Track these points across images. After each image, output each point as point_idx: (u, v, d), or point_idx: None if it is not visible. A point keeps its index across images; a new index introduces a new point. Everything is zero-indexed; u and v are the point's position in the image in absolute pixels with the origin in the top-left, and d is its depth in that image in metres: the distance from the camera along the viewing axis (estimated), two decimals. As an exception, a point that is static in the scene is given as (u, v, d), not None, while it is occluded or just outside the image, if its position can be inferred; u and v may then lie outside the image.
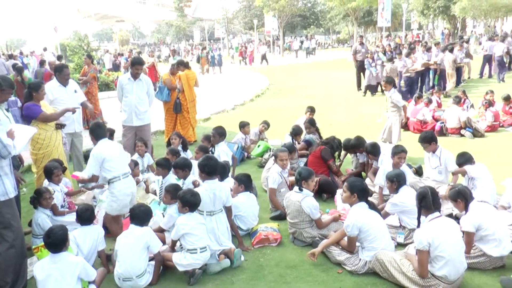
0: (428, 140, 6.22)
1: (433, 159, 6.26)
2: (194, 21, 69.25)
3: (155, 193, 6.17)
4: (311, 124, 8.20)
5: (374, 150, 6.54)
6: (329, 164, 6.82)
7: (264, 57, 33.74)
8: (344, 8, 43.40)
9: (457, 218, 4.68)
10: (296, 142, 7.83)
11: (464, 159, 5.71)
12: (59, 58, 18.43)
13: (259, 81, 21.99)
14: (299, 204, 4.85)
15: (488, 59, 18.47)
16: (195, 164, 5.51)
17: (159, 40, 76.17)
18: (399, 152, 5.85)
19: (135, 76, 7.21)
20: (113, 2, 68.97)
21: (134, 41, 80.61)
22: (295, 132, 7.91)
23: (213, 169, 4.75)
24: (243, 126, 8.84)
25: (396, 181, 5.01)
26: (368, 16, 51.48)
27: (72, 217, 4.90)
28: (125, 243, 4.19)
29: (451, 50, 15.47)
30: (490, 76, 18.58)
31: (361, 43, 17.11)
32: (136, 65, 7.19)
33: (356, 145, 6.96)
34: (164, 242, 4.74)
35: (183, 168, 5.56)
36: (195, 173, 5.66)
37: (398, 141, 7.96)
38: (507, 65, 18.64)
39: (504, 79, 17.14)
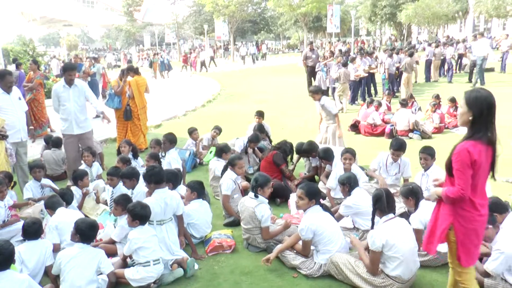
0: (404, 149, 6.22)
1: (393, 166, 6.33)
2: (144, 25, 68.34)
3: (106, 203, 5.98)
4: (260, 130, 8.18)
5: (326, 155, 6.59)
6: (281, 169, 6.83)
7: (203, 64, 33.37)
8: (293, 14, 44.02)
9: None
10: (251, 150, 7.82)
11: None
12: (14, 61, 17.25)
13: (211, 87, 21.89)
14: (253, 210, 4.83)
15: (429, 64, 19.50)
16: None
17: (108, 46, 74.55)
18: (343, 153, 6.00)
19: (69, 82, 6.85)
20: (59, 5, 67.01)
21: (83, 46, 78.55)
22: (252, 140, 7.87)
23: (159, 177, 4.66)
24: (191, 132, 8.76)
25: (348, 184, 5.08)
26: (317, 22, 52.52)
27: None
28: (74, 264, 3.94)
29: (392, 55, 16.17)
30: (428, 80, 19.60)
31: (312, 49, 17.36)
32: (68, 70, 6.83)
33: (308, 150, 7.01)
34: (115, 254, 4.59)
35: (130, 177, 5.39)
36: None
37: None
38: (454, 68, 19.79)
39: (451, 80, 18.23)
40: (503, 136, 9.25)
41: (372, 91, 16.48)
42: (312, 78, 16.92)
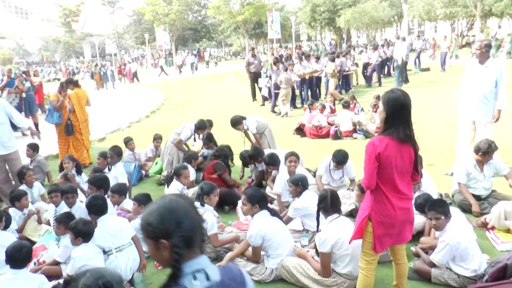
0: (346, 160, 6.27)
1: (337, 171, 6.43)
2: (83, 36, 66.58)
3: (49, 223, 5.76)
4: (208, 139, 8.13)
5: (272, 161, 6.63)
6: (223, 179, 6.78)
7: (135, 75, 32.97)
8: (234, 21, 44.27)
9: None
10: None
11: None
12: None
13: (154, 97, 21.57)
14: (198, 219, 4.80)
15: (365, 66, 20.18)
16: None
17: (46, 58, 71.85)
18: (288, 156, 6.08)
19: None
20: (-10, 17, 64.00)
21: (19, 59, 75.23)
22: (199, 126, 7.87)
23: (101, 209, 4.49)
24: (127, 142, 8.56)
25: (301, 185, 5.13)
26: (258, 28, 53.03)
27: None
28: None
29: (334, 59, 16.63)
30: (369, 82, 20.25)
31: (254, 55, 17.52)
32: None
33: (254, 156, 7.06)
34: (60, 276, 4.43)
35: (72, 193, 5.25)
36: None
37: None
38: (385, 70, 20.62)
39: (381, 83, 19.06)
40: (440, 130, 9.68)
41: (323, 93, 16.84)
42: (256, 84, 17.10)
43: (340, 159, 6.19)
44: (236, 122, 7.95)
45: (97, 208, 4.48)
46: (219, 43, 74.09)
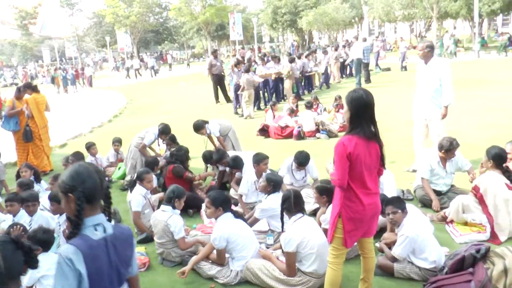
0: (308, 162, 6.29)
1: (299, 172, 6.47)
2: (42, 39, 64.77)
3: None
4: (172, 140, 8.00)
5: (236, 164, 6.61)
6: (186, 177, 6.69)
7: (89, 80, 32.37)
8: (195, 22, 44.08)
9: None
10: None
11: None
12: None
13: (116, 100, 21.22)
14: (166, 223, 4.77)
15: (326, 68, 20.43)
16: None
17: (1, 62, 69.51)
18: (263, 159, 6.03)
19: None
20: None
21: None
22: (163, 131, 7.78)
23: (48, 243, 4.19)
24: (89, 147, 8.36)
25: (273, 186, 5.13)
26: (220, 30, 52.99)
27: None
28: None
29: (293, 60, 16.76)
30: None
31: (216, 57, 17.47)
32: None
33: (218, 159, 6.99)
34: None
35: (33, 201, 5.10)
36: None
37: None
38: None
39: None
40: (402, 128, 9.90)
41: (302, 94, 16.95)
42: (219, 86, 17.06)
43: (302, 160, 6.23)
44: (199, 127, 7.90)
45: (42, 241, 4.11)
46: (181, 46, 73.57)
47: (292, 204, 4.14)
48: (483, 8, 33.05)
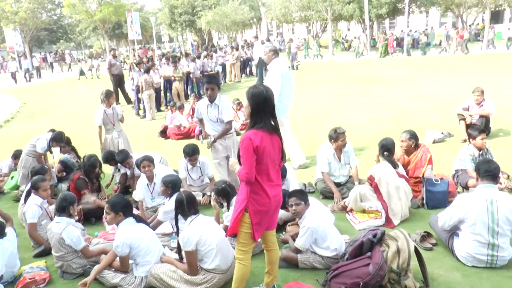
0: (197, 152, 6.27)
1: (194, 171, 6.43)
2: None
3: None
4: (66, 143, 7.50)
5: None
6: (83, 195, 6.27)
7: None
8: (91, 20, 42.18)
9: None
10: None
11: None
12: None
13: (7, 104, 19.51)
14: (60, 235, 4.45)
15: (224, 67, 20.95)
16: None
17: None
18: (140, 162, 5.92)
19: None
20: None
21: None
22: (55, 139, 7.15)
23: None
24: None
25: (171, 187, 5.05)
26: (118, 29, 51.28)
27: None
28: None
29: (196, 59, 16.92)
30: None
31: (114, 56, 16.82)
32: None
33: (122, 160, 6.63)
34: None
35: None
36: None
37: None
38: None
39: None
40: (301, 124, 10.23)
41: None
42: (119, 87, 16.42)
43: (189, 151, 6.21)
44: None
45: None
46: (78, 45, 70.03)
47: (186, 207, 4.08)
48: (372, 12, 35.45)
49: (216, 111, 5.84)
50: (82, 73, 29.77)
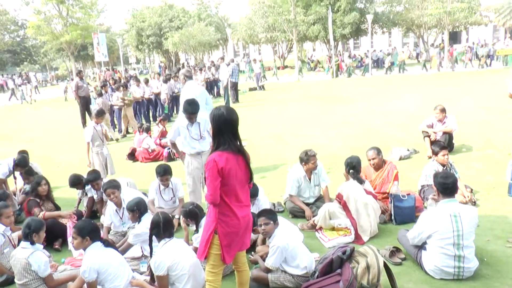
0: (170, 173, 6.27)
1: (167, 192, 6.39)
2: None
3: None
4: (28, 174, 7.26)
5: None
6: (34, 213, 6.05)
7: None
8: (57, 42, 41.59)
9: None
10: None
11: None
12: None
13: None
14: (26, 261, 4.31)
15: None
16: None
17: None
18: (105, 190, 5.79)
19: None
20: None
21: None
22: (19, 163, 7.14)
23: None
24: None
25: (137, 210, 4.98)
26: (83, 50, 50.74)
27: None
28: None
29: (167, 81, 16.86)
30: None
31: (81, 78, 16.58)
32: None
33: (93, 179, 6.43)
34: None
35: None
36: None
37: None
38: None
39: None
40: (271, 143, 10.25)
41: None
42: (86, 109, 16.12)
43: (160, 171, 6.18)
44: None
45: None
46: (43, 67, 68.76)
47: (161, 229, 4.05)
48: (337, 31, 36.31)
49: (198, 129, 6.03)
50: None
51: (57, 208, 6.60)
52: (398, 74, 30.54)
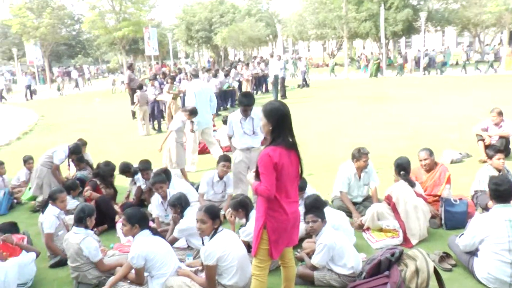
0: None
1: (220, 184, 6.42)
2: None
3: None
4: (79, 160, 7.55)
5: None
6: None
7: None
8: (110, 36, 42.79)
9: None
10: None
11: None
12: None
13: (26, 117, 19.74)
14: (79, 246, 4.46)
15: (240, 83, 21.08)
16: None
17: None
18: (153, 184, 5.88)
19: None
20: None
21: None
22: (73, 151, 7.40)
23: None
24: None
25: (178, 205, 5.04)
26: (134, 45, 51.90)
27: None
28: None
29: (216, 75, 17.11)
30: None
31: (133, 71, 16.96)
32: None
33: (144, 168, 6.65)
34: None
35: None
36: None
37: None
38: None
39: None
40: (315, 142, 10.22)
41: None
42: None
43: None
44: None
45: None
46: (95, 60, 71.06)
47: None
48: (388, 29, 35.44)
49: (251, 125, 6.03)
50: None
51: (115, 193, 6.93)
52: (453, 75, 29.48)
